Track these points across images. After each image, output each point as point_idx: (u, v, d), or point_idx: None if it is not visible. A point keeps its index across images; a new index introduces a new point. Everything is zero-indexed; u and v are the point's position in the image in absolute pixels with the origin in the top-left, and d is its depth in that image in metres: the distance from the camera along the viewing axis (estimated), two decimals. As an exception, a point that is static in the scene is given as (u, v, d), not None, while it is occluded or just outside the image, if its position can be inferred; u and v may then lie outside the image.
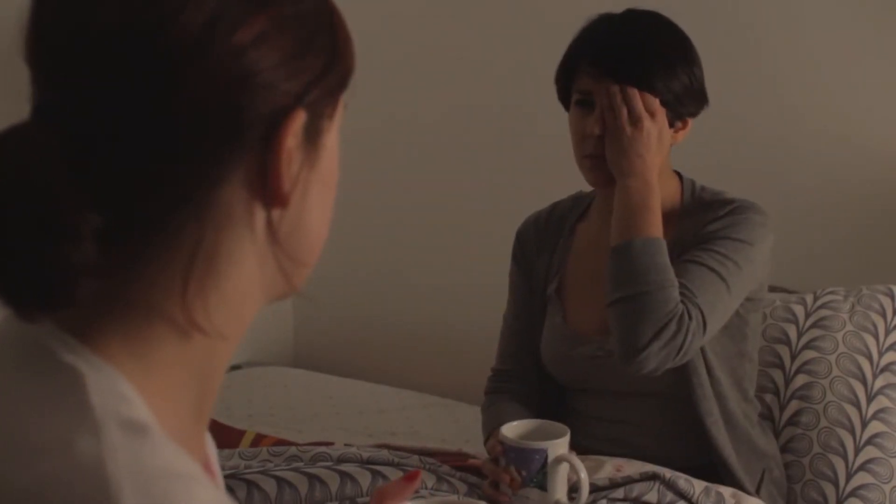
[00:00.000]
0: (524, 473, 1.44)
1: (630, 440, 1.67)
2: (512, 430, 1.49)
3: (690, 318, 1.51)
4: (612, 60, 1.59)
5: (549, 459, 1.43)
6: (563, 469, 1.45)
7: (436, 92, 2.77)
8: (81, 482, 0.56)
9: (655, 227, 1.56)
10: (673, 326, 1.49)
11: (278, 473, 1.49)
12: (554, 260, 1.77)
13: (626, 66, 1.58)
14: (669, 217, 1.65)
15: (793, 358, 1.87)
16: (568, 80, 1.65)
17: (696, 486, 1.49)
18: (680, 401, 1.62)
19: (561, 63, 1.66)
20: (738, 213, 1.62)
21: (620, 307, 1.53)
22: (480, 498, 1.51)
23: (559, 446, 1.45)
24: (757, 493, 1.65)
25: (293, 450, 1.63)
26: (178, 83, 0.60)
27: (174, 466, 0.59)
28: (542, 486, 1.44)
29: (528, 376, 1.78)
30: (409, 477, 0.98)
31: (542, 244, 1.79)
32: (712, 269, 1.56)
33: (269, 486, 1.46)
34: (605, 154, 1.59)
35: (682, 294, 1.53)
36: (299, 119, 0.64)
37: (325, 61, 0.66)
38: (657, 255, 1.53)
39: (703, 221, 1.64)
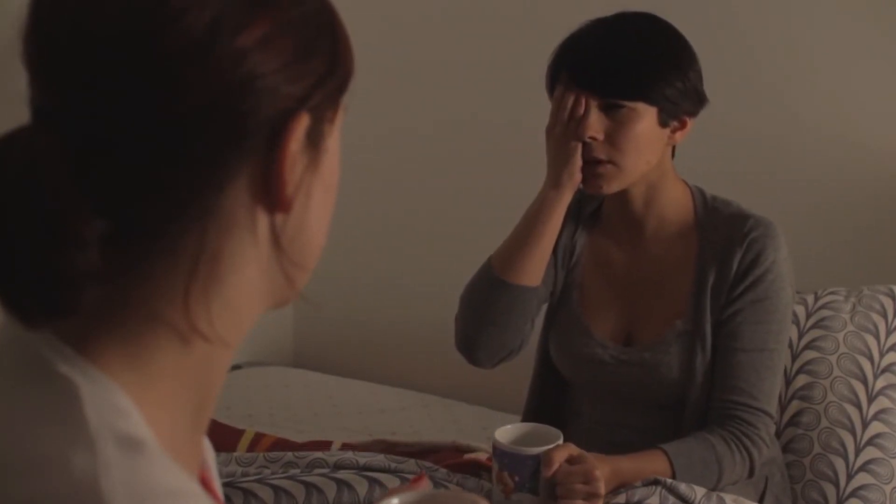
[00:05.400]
0: (517, 479, 1.44)
1: (631, 445, 1.65)
2: (505, 434, 1.48)
3: (758, 428, 1.58)
4: (594, 77, 1.56)
5: (542, 465, 1.43)
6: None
7: (437, 95, 2.77)
8: (76, 499, 0.56)
9: (657, 461, 1.53)
10: (750, 454, 1.58)
11: (274, 482, 1.49)
12: (575, 240, 1.74)
13: (607, 83, 1.55)
14: (685, 229, 1.65)
15: (794, 358, 1.87)
16: (556, 89, 1.61)
17: (698, 492, 1.48)
18: (683, 412, 1.62)
19: (547, 73, 1.63)
20: (761, 264, 1.59)
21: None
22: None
23: None
24: (761, 500, 1.65)
25: (289, 455, 1.62)
26: (180, 87, 0.59)
27: (169, 483, 0.58)
28: (535, 492, 1.43)
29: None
30: (415, 480, 0.99)
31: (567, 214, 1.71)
32: (761, 350, 1.59)
33: (266, 495, 1.46)
34: (598, 159, 1.56)
35: (743, 405, 1.57)
36: (303, 123, 0.64)
37: (327, 64, 0.65)
38: (691, 469, 1.54)
39: (724, 243, 1.62)
